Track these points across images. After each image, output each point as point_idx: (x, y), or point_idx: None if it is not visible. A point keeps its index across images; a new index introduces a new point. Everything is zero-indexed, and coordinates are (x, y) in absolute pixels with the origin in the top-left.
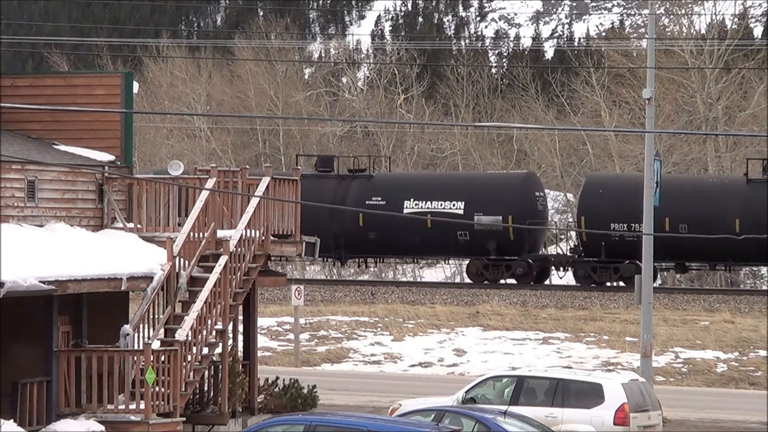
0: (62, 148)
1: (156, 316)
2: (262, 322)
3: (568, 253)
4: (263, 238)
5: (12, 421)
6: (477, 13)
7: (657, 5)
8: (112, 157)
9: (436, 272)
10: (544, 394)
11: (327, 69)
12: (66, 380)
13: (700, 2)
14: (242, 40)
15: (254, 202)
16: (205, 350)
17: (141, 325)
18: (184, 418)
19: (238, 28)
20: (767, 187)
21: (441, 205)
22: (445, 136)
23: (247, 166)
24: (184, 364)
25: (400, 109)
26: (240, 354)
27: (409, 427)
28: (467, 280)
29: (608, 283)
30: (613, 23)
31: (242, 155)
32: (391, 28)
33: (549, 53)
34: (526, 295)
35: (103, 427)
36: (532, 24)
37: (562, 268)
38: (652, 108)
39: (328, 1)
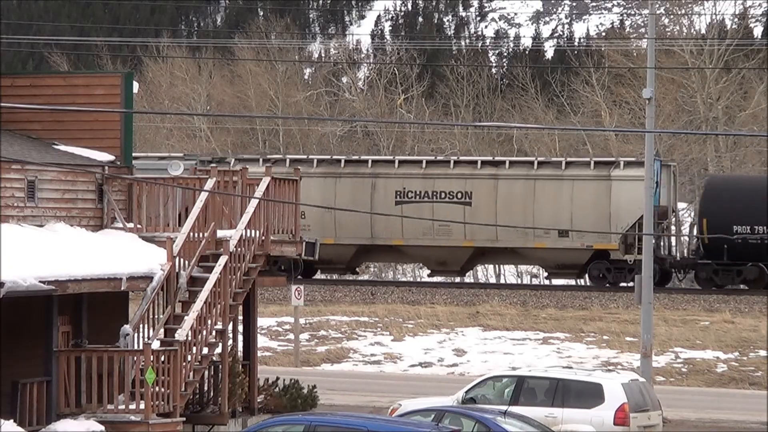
0: (62, 148)
1: (156, 316)
2: (262, 322)
3: None
4: (263, 238)
5: (12, 421)
6: (477, 13)
7: (657, 5)
8: (112, 157)
9: None
10: (544, 394)
11: (327, 69)
12: (66, 380)
13: (700, 2)
14: (242, 40)
15: (254, 201)
16: (205, 350)
17: (141, 325)
18: (184, 418)
19: (238, 28)
20: None
21: None
22: (445, 136)
23: (247, 167)
24: (184, 364)
25: (400, 109)
26: (240, 354)
27: (409, 427)
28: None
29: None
30: (613, 23)
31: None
32: (391, 28)
33: (549, 53)
34: (526, 295)
35: (103, 427)
36: (532, 24)
37: None
38: (652, 108)
39: (328, 1)
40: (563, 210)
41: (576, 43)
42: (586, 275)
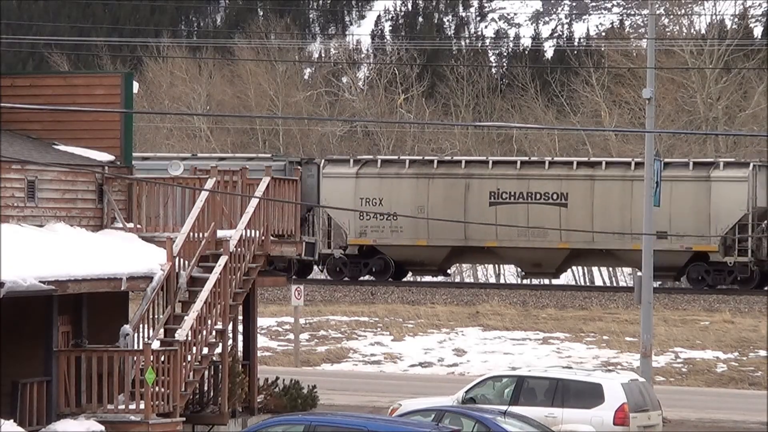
0: (62, 148)
1: (156, 316)
2: (262, 322)
3: None
4: (263, 238)
5: (12, 421)
6: (477, 13)
7: (657, 5)
8: (111, 157)
9: None
10: (544, 394)
11: (327, 69)
12: (66, 380)
13: (700, 2)
14: (242, 40)
15: (254, 201)
16: (205, 350)
17: (141, 325)
18: (184, 418)
19: (238, 28)
20: None
21: None
22: (445, 136)
23: (247, 167)
24: (184, 364)
25: (400, 109)
26: (240, 354)
27: (409, 427)
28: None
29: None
30: (613, 23)
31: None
32: (391, 28)
33: (549, 53)
34: (526, 295)
35: (103, 427)
36: (531, 24)
37: None
38: (652, 108)
39: (328, 1)
40: (661, 211)
41: (576, 43)
42: (684, 277)
